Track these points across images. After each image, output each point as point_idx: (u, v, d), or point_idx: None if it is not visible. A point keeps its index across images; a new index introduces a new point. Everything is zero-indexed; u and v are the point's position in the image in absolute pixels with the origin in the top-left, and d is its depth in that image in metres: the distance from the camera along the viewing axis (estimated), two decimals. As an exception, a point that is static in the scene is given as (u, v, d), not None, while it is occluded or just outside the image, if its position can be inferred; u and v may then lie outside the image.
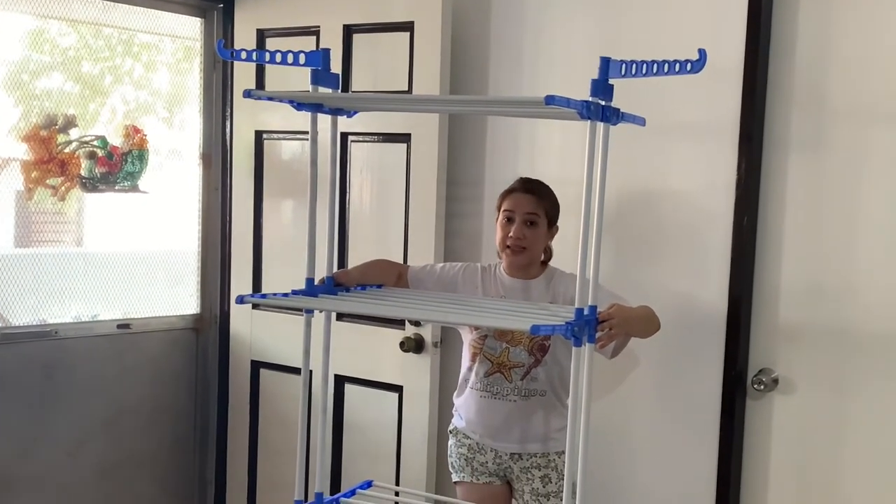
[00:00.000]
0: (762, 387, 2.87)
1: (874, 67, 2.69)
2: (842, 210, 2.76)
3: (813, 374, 2.84)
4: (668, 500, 3.09)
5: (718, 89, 2.87)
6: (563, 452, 2.48)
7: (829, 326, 2.79)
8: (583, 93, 1.88)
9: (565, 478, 1.99)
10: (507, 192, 2.83)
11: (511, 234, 2.76)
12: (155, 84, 3.96)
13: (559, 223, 2.85)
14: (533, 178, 2.86)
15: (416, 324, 3.37)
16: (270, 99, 2.21)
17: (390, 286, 2.74)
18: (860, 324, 2.74)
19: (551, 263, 2.89)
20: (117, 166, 3.59)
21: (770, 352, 2.91)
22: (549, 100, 1.75)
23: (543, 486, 2.82)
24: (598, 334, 2.04)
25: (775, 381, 2.89)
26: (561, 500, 2.71)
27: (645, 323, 2.57)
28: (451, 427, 2.98)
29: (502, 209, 2.80)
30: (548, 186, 2.84)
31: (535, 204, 2.78)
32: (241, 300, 2.20)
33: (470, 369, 2.87)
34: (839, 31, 2.74)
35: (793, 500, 2.90)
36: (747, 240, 2.87)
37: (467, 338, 2.89)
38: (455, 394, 2.97)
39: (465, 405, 2.91)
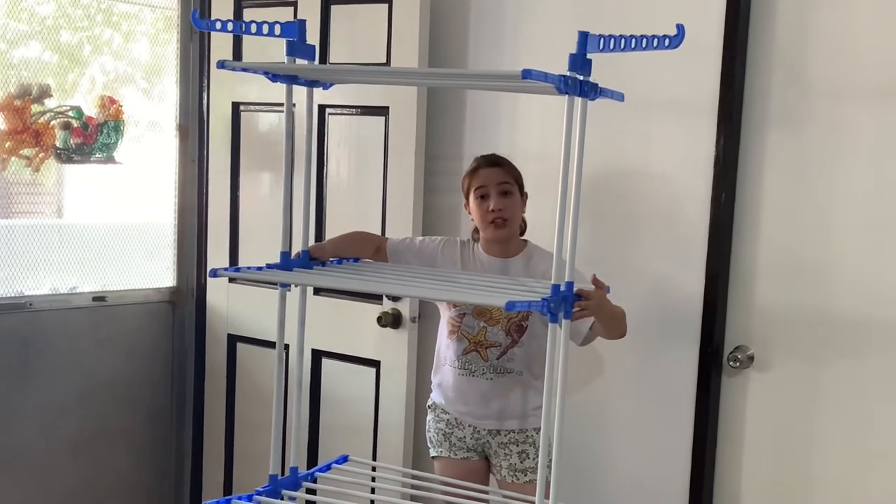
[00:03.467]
0: (738, 364, 2.88)
1: (853, 45, 2.68)
2: (820, 188, 2.76)
3: (788, 352, 2.85)
4: (644, 474, 3.11)
5: (698, 66, 2.86)
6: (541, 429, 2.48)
7: (804, 304, 2.80)
8: (563, 67, 1.86)
9: (540, 453, 1.99)
10: (472, 171, 2.82)
11: (491, 208, 2.75)
12: (134, 54, 3.91)
13: (528, 192, 2.84)
14: (488, 152, 2.87)
15: (394, 299, 3.36)
16: (245, 70, 2.19)
17: (368, 259, 2.73)
18: (836, 302, 2.75)
19: (528, 238, 2.88)
20: (92, 137, 3.55)
21: (746, 329, 2.91)
22: (526, 74, 1.73)
23: (521, 462, 2.83)
24: (574, 310, 2.03)
25: (751, 358, 2.90)
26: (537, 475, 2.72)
27: (618, 320, 2.58)
28: (429, 402, 2.98)
29: (473, 188, 2.79)
30: (505, 157, 2.85)
31: (505, 174, 2.78)
32: (214, 273, 2.18)
33: (447, 347, 2.87)
34: (818, 8, 2.73)
35: (767, 475, 2.92)
36: (725, 218, 2.87)
37: (445, 315, 2.89)
38: (432, 371, 2.97)
39: (442, 382, 2.91)
